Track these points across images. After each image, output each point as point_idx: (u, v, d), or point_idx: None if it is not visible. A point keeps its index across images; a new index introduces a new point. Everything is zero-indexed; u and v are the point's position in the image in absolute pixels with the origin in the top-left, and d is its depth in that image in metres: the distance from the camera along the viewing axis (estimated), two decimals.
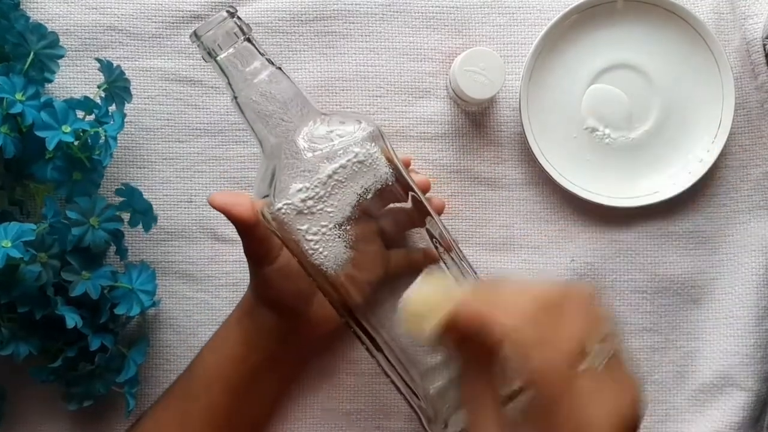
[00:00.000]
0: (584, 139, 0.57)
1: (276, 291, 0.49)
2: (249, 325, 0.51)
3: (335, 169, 0.41)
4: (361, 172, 0.42)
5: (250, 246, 0.47)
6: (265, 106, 0.42)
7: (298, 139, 0.42)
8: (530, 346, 0.33)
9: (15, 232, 0.46)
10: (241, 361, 0.51)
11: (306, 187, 0.41)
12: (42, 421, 0.57)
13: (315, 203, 0.41)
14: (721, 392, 0.57)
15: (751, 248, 0.57)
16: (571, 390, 0.32)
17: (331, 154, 0.41)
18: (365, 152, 0.42)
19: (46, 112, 0.48)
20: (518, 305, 0.34)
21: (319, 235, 0.42)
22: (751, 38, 0.57)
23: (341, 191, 0.41)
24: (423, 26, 0.57)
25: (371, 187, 0.42)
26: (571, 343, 0.32)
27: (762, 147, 0.58)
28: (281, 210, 0.41)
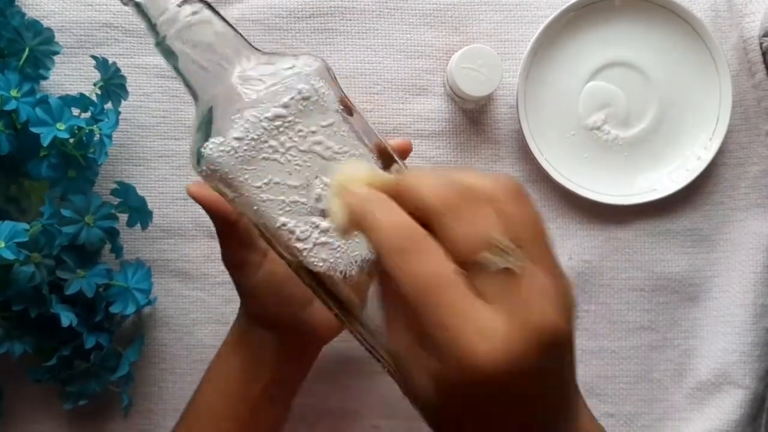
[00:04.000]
0: (582, 137, 0.57)
1: (267, 305, 0.46)
2: (246, 354, 0.47)
3: (277, 109, 0.36)
4: (307, 111, 0.37)
5: (230, 249, 0.44)
6: (194, 49, 0.38)
7: (234, 80, 0.37)
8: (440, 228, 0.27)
9: (8, 232, 0.46)
10: (246, 395, 0.47)
11: (246, 129, 0.36)
12: (38, 420, 0.57)
13: (257, 150, 0.36)
14: (718, 390, 0.57)
15: (748, 246, 0.57)
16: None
17: (272, 93, 0.37)
18: (310, 88, 0.37)
19: (41, 108, 0.48)
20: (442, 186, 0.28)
21: (270, 185, 0.37)
22: (748, 36, 0.57)
23: (287, 135, 0.37)
24: (420, 23, 0.57)
25: (321, 129, 0.37)
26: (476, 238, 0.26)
27: (759, 145, 0.58)
28: (219, 157, 0.36)
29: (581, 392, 0.32)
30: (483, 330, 0.25)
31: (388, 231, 0.27)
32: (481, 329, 0.25)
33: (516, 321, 0.25)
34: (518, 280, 0.26)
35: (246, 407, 0.47)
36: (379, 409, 0.58)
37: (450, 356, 0.25)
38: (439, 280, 0.26)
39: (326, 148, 0.38)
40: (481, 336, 0.25)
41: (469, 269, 0.26)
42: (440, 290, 0.26)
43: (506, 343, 0.25)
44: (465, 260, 0.26)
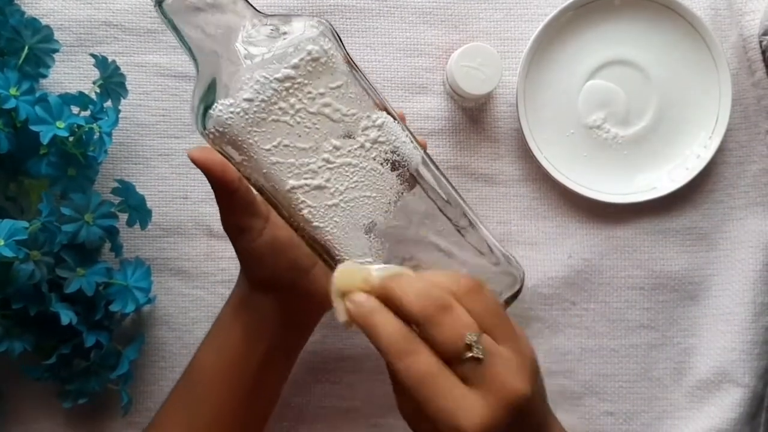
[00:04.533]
0: (581, 136, 0.57)
1: (269, 268, 0.46)
2: (247, 319, 0.48)
3: (287, 70, 0.36)
4: (316, 72, 0.37)
5: (232, 215, 0.44)
6: (196, 11, 0.37)
7: (240, 42, 0.37)
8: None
9: (8, 230, 0.46)
10: (245, 360, 0.47)
11: (256, 90, 0.36)
12: (37, 418, 0.57)
13: (267, 111, 0.36)
14: (718, 388, 0.57)
15: (748, 244, 0.57)
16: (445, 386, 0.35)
17: (281, 54, 0.36)
18: (320, 49, 0.37)
19: (40, 106, 0.48)
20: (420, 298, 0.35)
21: (280, 147, 0.37)
22: (748, 35, 0.57)
23: (297, 96, 0.37)
24: (420, 22, 0.57)
25: (330, 91, 0.37)
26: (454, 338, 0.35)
27: (759, 143, 0.58)
28: (229, 118, 0.36)
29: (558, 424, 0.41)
30: (464, 408, 0.34)
31: (386, 338, 0.35)
32: (463, 407, 0.34)
33: (487, 396, 0.34)
34: (486, 364, 0.34)
35: (247, 371, 0.47)
36: (379, 407, 0.58)
37: (446, 428, 0.34)
38: (428, 374, 0.34)
39: (335, 110, 0.38)
40: (463, 413, 0.34)
41: (452, 362, 0.35)
42: (430, 381, 0.34)
43: (482, 415, 0.34)
44: (448, 358, 0.34)
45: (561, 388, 0.58)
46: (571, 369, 0.58)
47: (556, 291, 0.58)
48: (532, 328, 0.58)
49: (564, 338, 0.58)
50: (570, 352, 0.58)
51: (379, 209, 0.40)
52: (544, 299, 0.58)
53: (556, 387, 0.58)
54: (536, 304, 0.58)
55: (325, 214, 0.39)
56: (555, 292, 0.58)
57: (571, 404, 0.58)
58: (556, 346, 0.58)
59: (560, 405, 0.58)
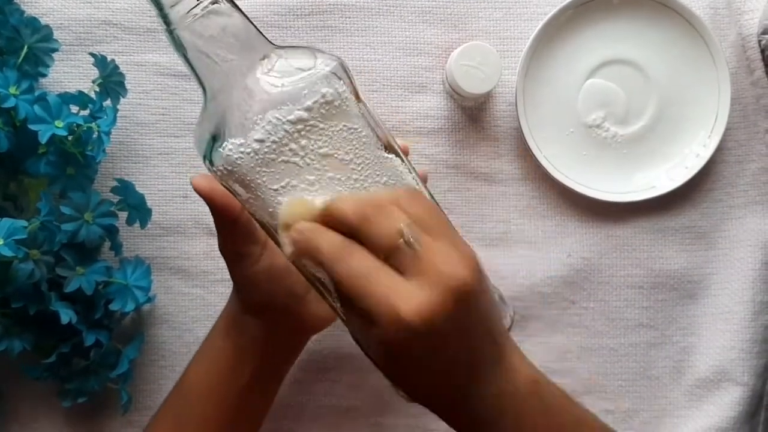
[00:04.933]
0: (581, 135, 0.57)
1: (265, 294, 0.46)
2: (237, 339, 0.48)
3: (300, 113, 0.36)
4: (329, 114, 0.36)
5: (232, 242, 0.44)
6: (208, 41, 0.36)
7: (252, 78, 0.36)
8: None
9: (7, 229, 0.46)
10: (233, 379, 0.48)
11: (267, 131, 0.35)
12: (36, 417, 0.57)
13: (277, 152, 0.36)
14: (717, 387, 0.57)
15: (747, 243, 0.57)
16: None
17: (295, 94, 0.36)
18: (334, 92, 0.36)
19: (39, 105, 0.48)
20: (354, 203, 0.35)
21: (288, 188, 0.36)
22: (747, 34, 0.57)
23: (309, 138, 0.36)
24: (419, 21, 0.57)
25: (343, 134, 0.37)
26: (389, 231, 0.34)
27: (758, 142, 0.58)
28: (239, 158, 0.35)
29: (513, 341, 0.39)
30: (403, 296, 0.33)
31: (325, 249, 0.34)
32: (401, 294, 0.33)
33: (426, 282, 0.33)
34: (426, 255, 0.33)
35: (233, 392, 0.48)
36: (380, 406, 0.58)
37: (384, 321, 0.33)
38: (364, 269, 0.33)
39: (346, 152, 0.37)
40: (402, 299, 0.33)
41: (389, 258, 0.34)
42: (367, 275, 0.33)
43: (422, 301, 0.33)
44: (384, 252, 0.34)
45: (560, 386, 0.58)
46: (571, 368, 0.58)
47: (556, 290, 0.58)
48: (532, 327, 0.58)
49: (563, 337, 0.58)
50: (569, 350, 0.58)
51: None
52: (543, 298, 0.58)
53: None
54: (535, 302, 0.58)
55: None
56: (554, 291, 0.58)
57: None
58: (555, 344, 0.58)
59: None
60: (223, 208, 0.42)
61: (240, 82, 0.36)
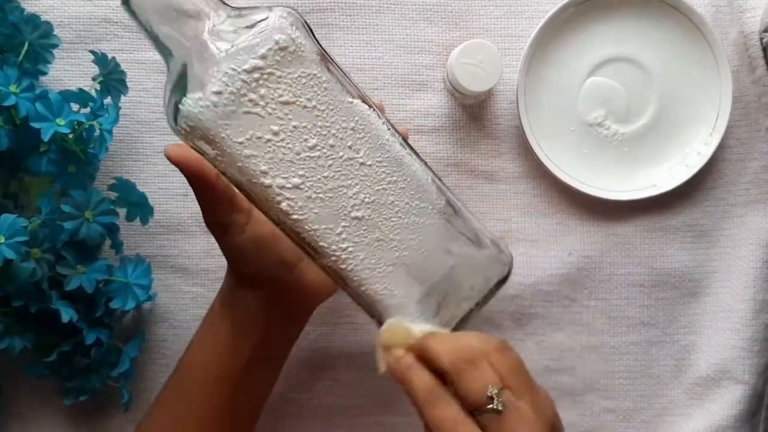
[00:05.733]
0: (582, 133, 0.57)
1: (254, 264, 0.46)
2: (234, 315, 0.47)
3: (255, 61, 0.36)
4: (285, 61, 0.36)
5: (213, 211, 0.44)
6: (162, 3, 0.37)
7: (207, 34, 0.37)
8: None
9: (8, 228, 0.45)
10: (233, 357, 0.47)
11: (224, 82, 0.35)
12: (37, 416, 0.57)
13: (237, 104, 0.36)
14: (718, 386, 0.57)
15: (748, 242, 0.57)
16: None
17: (249, 45, 0.36)
18: (287, 38, 0.36)
19: (41, 103, 0.48)
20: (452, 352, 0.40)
21: (253, 140, 0.36)
22: (749, 32, 0.57)
23: (267, 87, 0.36)
24: (420, 18, 0.57)
25: (301, 80, 0.37)
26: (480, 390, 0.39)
27: (760, 140, 0.58)
28: (199, 113, 0.36)
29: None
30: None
31: (417, 389, 0.39)
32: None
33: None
34: (505, 416, 0.38)
35: (237, 367, 0.47)
36: (379, 405, 0.58)
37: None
38: (450, 421, 0.38)
39: (307, 99, 0.37)
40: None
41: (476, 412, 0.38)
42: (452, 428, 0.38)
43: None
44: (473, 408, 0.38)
45: (561, 385, 0.58)
46: (571, 366, 0.58)
47: (557, 288, 0.58)
48: (533, 326, 0.58)
49: (564, 335, 0.58)
50: (570, 349, 0.58)
51: (359, 199, 0.39)
52: (544, 296, 0.58)
53: (556, 384, 0.58)
54: (536, 301, 0.58)
55: (303, 206, 0.38)
56: (555, 289, 0.58)
57: (571, 401, 0.58)
58: (556, 343, 0.58)
59: (560, 402, 0.58)
60: (197, 174, 0.42)
61: (197, 40, 0.37)
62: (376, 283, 0.41)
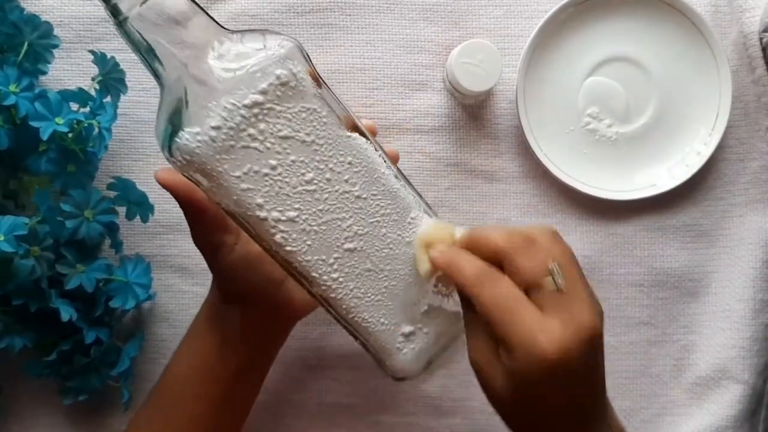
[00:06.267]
0: (581, 132, 0.57)
1: (242, 282, 0.46)
2: (220, 329, 0.47)
3: (255, 96, 0.35)
4: (285, 96, 0.36)
5: (203, 233, 0.44)
6: (160, 30, 0.36)
7: (205, 64, 0.36)
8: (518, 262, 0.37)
9: (8, 226, 0.46)
10: (218, 370, 0.47)
11: (223, 117, 0.35)
12: (37, 415, 0.57)
13: (235, 139, 0.35)
14: (717, 385, 0.57)
15: (748, 241, 0.57)
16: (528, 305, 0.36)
17: (249, 78, 0.35)
18: (288, 73, 0.36)
19: (40, 102, 0.48)
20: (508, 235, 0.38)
21: (250, 174, 0.36)
22: (748, 32, 0.57)
23: (266, 122, 0.36)
24: (420, 18, 0.57)
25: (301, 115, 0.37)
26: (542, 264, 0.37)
27: (759, 140, 0.58)
28: (197, 148, 0.35)
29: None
30: (545, 331, 0.35)
31: (468, 272, 0.37)
32: (544, 330, 0.35)
33: (568, 324, 0.35)
34: (566, 296, 0.36)
35: (218, 385, 0.47)
36: (378, 404, 0.58)
37: (522, 352, 0.35)
38: (510, 299, 0.36)
39: (307, 134, 0.37)
40: (544, 335, 0.35)
41: (529, 291, 0.36)
42: (512, 305, 0.36)
43: (563, 338, 0.35)
44: (528, 285, 0.36)
45: None
46: None
47: None
48: None
49: None
50: None
51: (353, 231, 0.39)
52: None
53: None
54: None
55: (297, 238, 0.38)
56: None
57: None
58: None
59: None
60: (189, 200, 0.42)
61: (193, 70, 0.36)
62: (364, 311, 0.41)
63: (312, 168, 0.38)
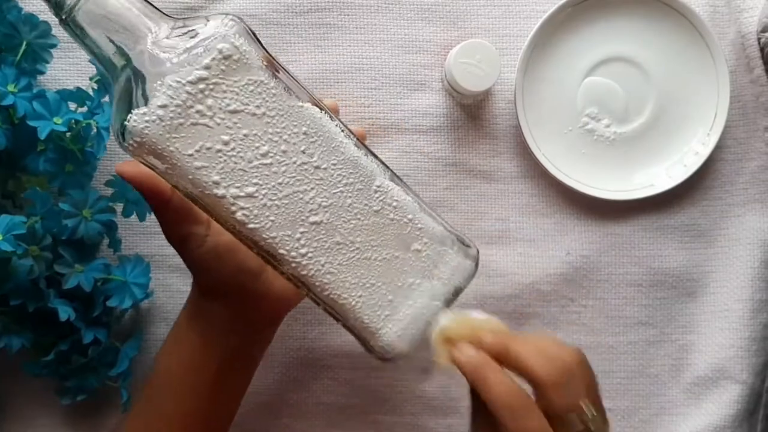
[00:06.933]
0: (580, 132, 0.57)
1: (216, 275, 0.45)
2: (201, 326, 0.47)
3: (199, 71, 0.35)
4: (230, 70, 0.36)
5: (170, 224, 0.43)
6: (103, 21, 0.36)
7: (148, 47, 0.36)
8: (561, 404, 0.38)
9: (6, 225, 0.46)
10: (203, 366, 0.47)
11: (169, 95, 0.35)
12: (35, 415, 0.57)
13: (184, 116, 0.35)
14: (716, 385, 0.57)
15: (746, 241, 0.57)
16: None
17: (192, 55, 0.35)
18: (230, 46, 0.36)
19: (38, 102, 0.48)
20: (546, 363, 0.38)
21: (203, 151, 0.36)
22: (746, 32, 0.57)
23: (213, 98, 0.36)
24: (418, 18, 0.57)
25: (248, 88, 0.36)
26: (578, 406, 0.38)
27: (757, 140, 0.58)
28: (145, 128, 0.35)
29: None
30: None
31: (500, 396, 0.37)
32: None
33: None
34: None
35: (206, 380, 0.47)
36: (377, 404, 0.58)
37: None
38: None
39: (256, 107, 0.37)
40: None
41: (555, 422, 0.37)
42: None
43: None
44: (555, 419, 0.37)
45: None
46: None
47: (554, 288, 0.58)
48: (530, 325, 0.58)
49: (562, 335, 0.58)
50: None
51: (317, 203, 0.39)
52: (542, 296, 0.58)
53: None
54: (534, 300, 0.58)
55: (259, 214, 0.38)
56: (553, 289, 0.58)
57: None
58: None
59: None
60: (151, 190, 0.42)
61: (139, 57, 0.36)
62: (339, 287, 0.40)
63: (266, 141, 0.37)
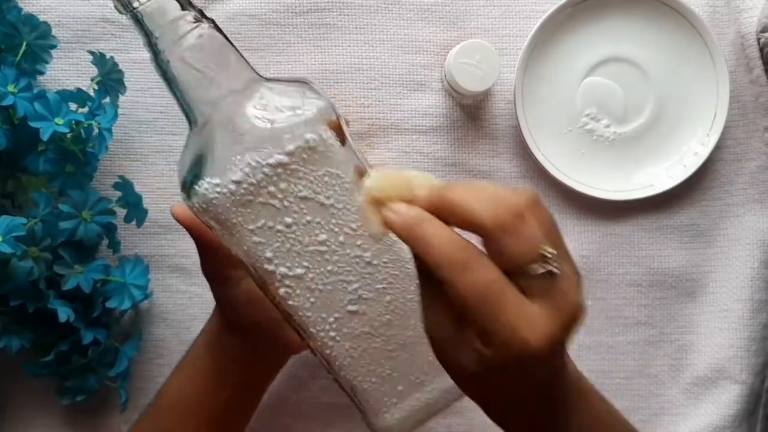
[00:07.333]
0: (579, 133, 0.57)
1: (244, 314, 0.46)
2: (218, 355, 0.48)
3: (281, 156, 0.35)
4: (311, 159, 0.36)
5: (213, 266, 0.45)
6: (195, 70, 0.35)
7: (236, 113, 0.35)
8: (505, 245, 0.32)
9: (5, 226, 0.46)
10: (215, 394, 0.48)
11: (245, 173, 0.35)
12: (35, 416, 0.57)
13: (254, 194, 0.35)
14: (715, 385, 0.57)
15: (745, 241, 0.57)
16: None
17: (277, 136, 0.35)
18: (318, 138, 0.35)
19: (39, 103, 0.48)
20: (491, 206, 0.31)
21: (264, 229, 0.36)
22: (746, 32, 0.57)
23: (288, 182, 0.36)
24: (418, 18, 0.57)
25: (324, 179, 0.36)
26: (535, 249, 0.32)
27: (757, 140, 0.58)
28: (215, 198, 0.35)
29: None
30: (529, 320, 0.31)
31: (441, 249, 0.31)
32: (529, 321, 0.31)
33: (552, 310, 0.31)
34: (556, 280, 0.31)
35: (215, 405, 0.48)
36: None
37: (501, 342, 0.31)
38: (494, 287, 0.31)
39: (326, 197, 0.37)
40: (529, 326, 0.31)
41: (512, 273, 0.31)
42: (495, 294, 0.31)
43: (548, 329, 0.31)
44: (511, 269, 0.31)
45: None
46: None
47: None
48: None
49: None
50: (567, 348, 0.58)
51: (358, 294, 0.39)
52: None
53: None
54: None
55: (301, 294, 0.38)
56: None
57: None
58: None
59: None
60: (202, 237, 0.43)
61: (224, 117, 0.36)
62: (356, 371, 0.40)
63: (327, 230, 0.37)
